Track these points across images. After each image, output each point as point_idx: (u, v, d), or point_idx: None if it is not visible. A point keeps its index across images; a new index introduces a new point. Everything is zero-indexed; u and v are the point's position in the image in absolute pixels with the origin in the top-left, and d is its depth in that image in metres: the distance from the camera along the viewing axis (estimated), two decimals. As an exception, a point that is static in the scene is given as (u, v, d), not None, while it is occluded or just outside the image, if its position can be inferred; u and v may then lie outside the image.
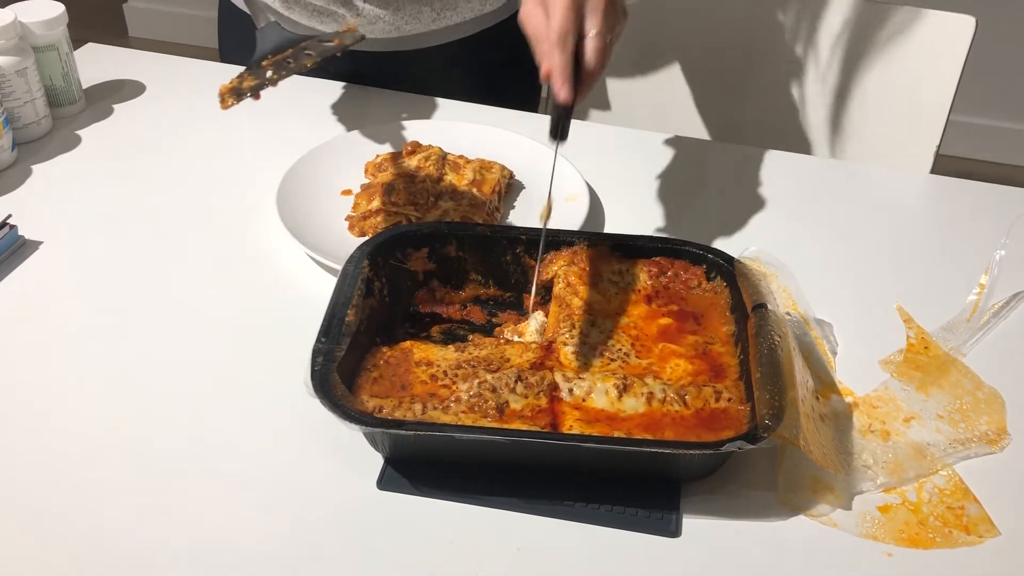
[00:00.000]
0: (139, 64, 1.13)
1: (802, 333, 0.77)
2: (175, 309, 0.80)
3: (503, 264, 0.79)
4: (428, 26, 1.03)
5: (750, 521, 0.64)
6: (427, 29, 1.03)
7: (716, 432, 0.64)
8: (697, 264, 0.77)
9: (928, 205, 1.00)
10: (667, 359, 0.71)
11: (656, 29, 1.20)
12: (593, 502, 0.64)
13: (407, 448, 0.66)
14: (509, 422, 0.65)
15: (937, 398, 0.73)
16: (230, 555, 0.61)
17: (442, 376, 0.69)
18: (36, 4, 0.98)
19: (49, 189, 0.93)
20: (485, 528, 0.63)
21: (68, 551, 0.61)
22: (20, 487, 0.65)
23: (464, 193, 0.89)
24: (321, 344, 0.66)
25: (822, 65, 1.16)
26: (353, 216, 0.88)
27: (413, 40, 1.04)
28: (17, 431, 0.69)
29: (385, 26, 1.01)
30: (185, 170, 0.97)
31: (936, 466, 0.68)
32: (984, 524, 0.64)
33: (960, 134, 2.06)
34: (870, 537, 0.63)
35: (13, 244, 0.84)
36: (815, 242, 0.90)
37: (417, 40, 1.05)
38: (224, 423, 0.70)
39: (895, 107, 1.14)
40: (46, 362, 0.74)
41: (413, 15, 1.01)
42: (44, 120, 1.00)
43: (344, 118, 1.04)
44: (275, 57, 0.83)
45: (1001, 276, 0.85)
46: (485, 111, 1.04)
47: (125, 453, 0.67)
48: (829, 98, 1.17)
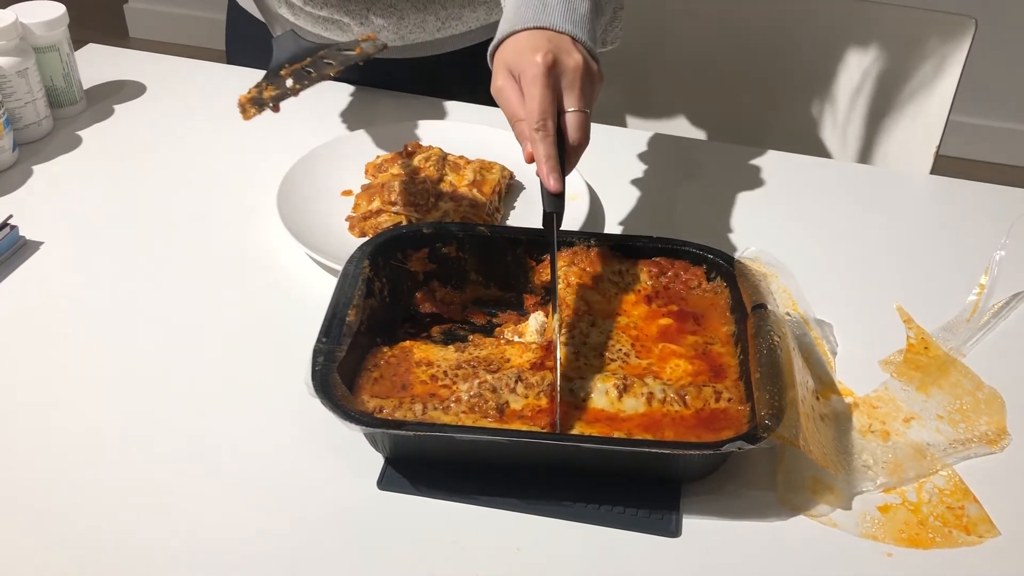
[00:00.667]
0: (139, 65, 1.13)
1: (802, 333, 0.77)
2: (175, 309, 0.80)
3: (503, 265, 0.79)
4: (432, 35, 1.03)
5: (750, 521, 0.64)
6: (431, 38, 1.03)
7: (716, 432, 0.64)
8: (697, 264, 0.77)
9: (928, 205, 1.01)
10: (667, 359, 0.71)
11: (657, 29, 1.20)
12: (593, 502, 0.64)
13: (407, 448, 0.66)
14: (509, 422, 0.65)
15: (937, 398, 0.73)
16: (230, 555, 0.61)
17: (442, 376, 0.69)
18: (37, 5, 0.99)
19: (50, 190, 0.93)
20: (485, 528, 0.63)
21: (68, 551, 0.61)
22: (20, 487, 0.65)
23: (464, 194, 0.89)
24: (322, 344, 0.67)
25: (822, 66, 1.16)
26: (353, 216, 0.89)
27: (418, 48, 1.04)
28: (18, 431, 0.69)
29: (389, 35, 1.01)
30: (185, 171, 0.97)
31: (936, 466, 0.68)
32: (984, 524, 0.64)
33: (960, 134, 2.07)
34: (870, 537, 0.63)
35: (14, 244, 0.84)
36: (815, 242, 0.90)
37: (422, 48, 1.04)
38: (225, 423, 0.70)
39: (895, 107, 1.14)
40: (46, 362, 0.74)
41: (417, 24, 1.00)
42: (45, 121, 1.00)
43: (344, 119, 1.04)
44: (293, 66, 0.81)
45: (1001, 276, 0.85)
46: (486, 111, 1.04)
47: (125, 453, 0.67)
48: (829, 98, 1.17)
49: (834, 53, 1.15)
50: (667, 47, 1.21)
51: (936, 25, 1.10)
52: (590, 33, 0.72)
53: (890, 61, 1.13)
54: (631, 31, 1.20)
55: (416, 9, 1.00)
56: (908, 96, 1.13)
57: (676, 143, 1.04)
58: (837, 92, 1.17)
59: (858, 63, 1.15)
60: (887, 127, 1.16)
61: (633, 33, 1.21)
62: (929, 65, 1.11)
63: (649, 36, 1.21)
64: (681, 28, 1.20)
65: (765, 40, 1.17)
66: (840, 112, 1.18)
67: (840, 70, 1.16)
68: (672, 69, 1.22)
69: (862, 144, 1.18)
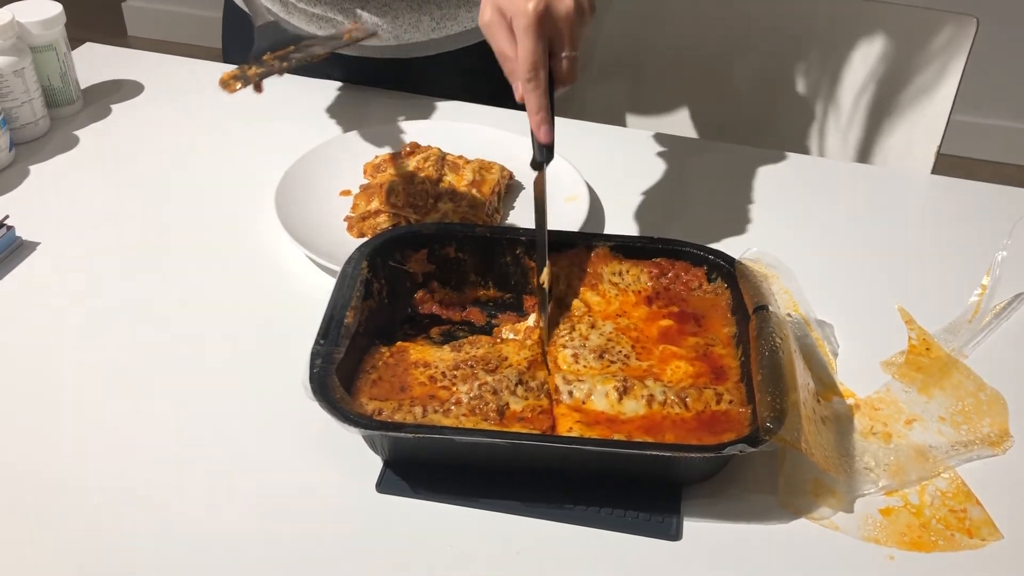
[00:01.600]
0: (137, 64, 1.13)
1: (803, 334, 0.77)
2: (173, 310, 0.80)
3: (502, 265, 0.78)
4: (428, 35, 1.02)
5: (751, 524, 0.64)
6: (427, 38, 1.03)
7: (717, 435, 0.64)
8: (698, 265, 0.77)
9: (930, 205, 1.00)
10: (668, 361, 0.71)
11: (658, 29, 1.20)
12: (594, 505, 0.64)
13: (406, 451, 0.66)
14: (510, 424, 0.65)
15: (939, 400, 0.73)
16: (229, 557, 0.61)
17: (440, 377, 0.68)
18: (34, 4, 0.98)
19: (47, 189, 0.93)
20: (485, 531, 0.63)
21: (67, 551, 0.61)
22: (19, 487, 0.65)
23: (463, 194, 0.89)
24: (320, 346, 0.66)
25: (824, 66, 1.16)
26: (352, 217, 0.88)
27: (414, 48, 1.04)
28: (16, 431, 0.69)
29: (384, 34, 1.01)
30: (183, 170, 0.96)
31: (938, 468, 0.67)
32: (987, 527, 0.64)
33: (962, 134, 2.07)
34: (872, 540, 0.63)
35: (10, 244, 0.84)
36: (816, 243, 0.90)
37: (418, 48, 1.04)
38: (223, 425, 0.69)
39: (897, 106, 1.14)
40: (44, 362, 0.74)
41: (412, 24, 1.00)
42: (42, 120, 0.99)
43: (343, 119, 1.04)
44: (276, 52, 0.81)
45: (1003, 277, 0.85)
46: (484, 111, 1.04)
47: (122, 454, 0.67)
48: (831, 98, 1.17)
49: (836, 52, 1.15)
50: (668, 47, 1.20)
51: (938, 24, 1.09)
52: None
53: (892, 60, 1.13)
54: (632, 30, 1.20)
55: (411, 9, 0.99)
56: (910, 95, 1.13)
57: (676, 143, 1.03)
58: (839, 91, 1.17)
59: (859, 62, 1.14)
60: (888, 126, 1.15)
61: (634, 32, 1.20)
62: (931, 64, 1.11)
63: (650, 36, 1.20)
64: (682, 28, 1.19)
65: (766, 40, 1.17)
66: (842, 111, 1.17)
67: (842, 69, 1.15)
68: (673, 69, 1.21)
69: (863, 144, 1.18)
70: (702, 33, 1.19)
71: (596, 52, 1.21)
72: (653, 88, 1.23)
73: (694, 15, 1.18)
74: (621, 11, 1.19)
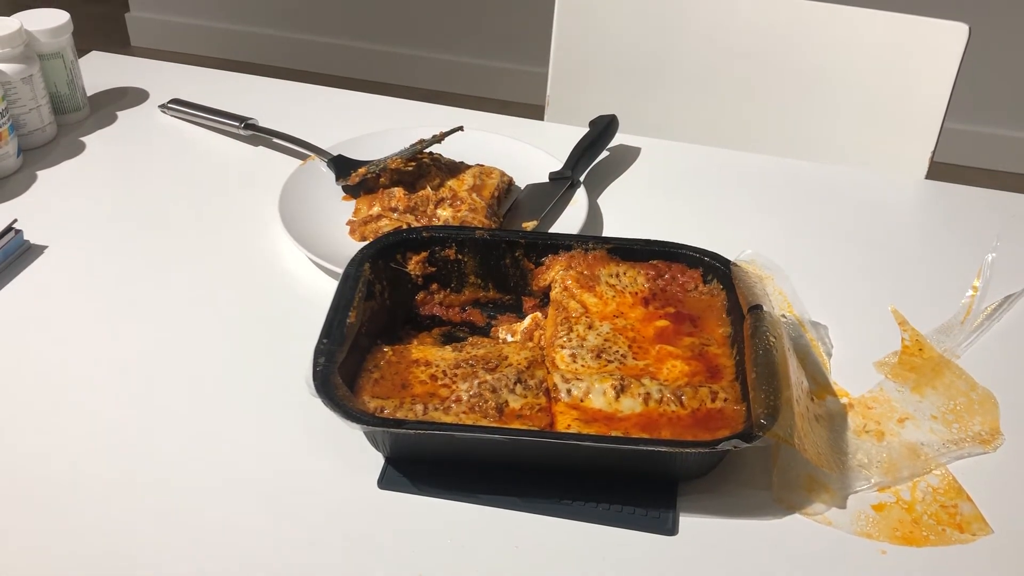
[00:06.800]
0: (142, 72, 1.14)
1: (797, 335, 0.78)
2: (178, 312, 0.81)
3: (502, 267, 0.79)
4: None
5: (746, 519, 0.65)
6: None
7: (712, 432, 0.65)
8: (694, 267, 0.78)
9: (922, 209, 1.01)
10: (664, 360, 0.72)
11: (653, 35, 1.21)
12: (591, 501, 0.65)
13: (407, 447, 0.67)
14: (509, 422, 0.66)
15: (931, 399, 0.74)
16: (230, 553, 0.62)
17: (441, 376, 0.69)
18: (41, 13, 1.00)
19: (53, 195, 0.94)
20: (484, 527, 0.64)
21: (68, 550, 0.62)
22: (24, 489, 0.66)
23: (464, 198, 0.90)
24: (323, 345, 0.67)
25: (817, 72, 1.17)
26: (354, 221, 0.89)
27: None
28: (21, 433, 0.70)
29: None
30: (188, 176, 0.98)
31: (930, 465, 0.68)
32: (977, 522, 0.65)
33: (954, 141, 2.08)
34: (865, 535, 0.64)
35: (18, 248, 0.85)
36: (811, 245, 0.91)
37: None
38: (226, 423, 0.71)
39: (890, 114, 1.15)
40: (50, 365, 0.75)
41: None
42: (49, 127, 1.01)
43: (345, 124, 1.05)
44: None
45: (993, 279, 0.86)
46: (485, 116, 1.05)
47: (127, 453, 0.68)
48: (825, 104, 1.18)
49: (829, 59, 1.16)
50: (663, 54, 1.22)
51: (930, 32, 1.11)
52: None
53: (884, 68, 1.14)
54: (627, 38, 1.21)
55: None
56: (903, 103, 1.14)
57: (672, 147, 1.05)
58: (832, 99, 1.18)
59: (853, 70, 1.16)
60: (882, 134, 1.17)
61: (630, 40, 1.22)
62: (923, 72, 1.12)
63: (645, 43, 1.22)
64: (677, 35, 1.21)
65: (761, 47, 1.18)
66: (835, 118, 1.19)
67: (835, 77, 1.17)
68: (668, 75, 1.23)
69: (858, 150, 1.19)
70: (697, 41, 1.20)
71: (593, 58, 1.23)
72: (649, 94, 1.24)
73: (689, 23, 1.20)
74: (616, 18, 1.21)
